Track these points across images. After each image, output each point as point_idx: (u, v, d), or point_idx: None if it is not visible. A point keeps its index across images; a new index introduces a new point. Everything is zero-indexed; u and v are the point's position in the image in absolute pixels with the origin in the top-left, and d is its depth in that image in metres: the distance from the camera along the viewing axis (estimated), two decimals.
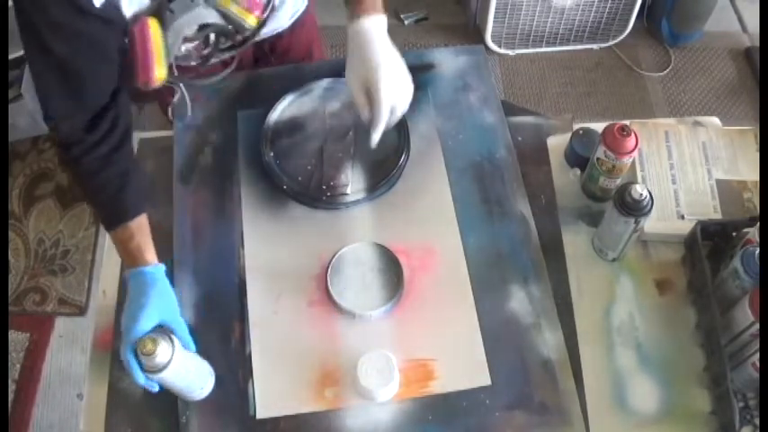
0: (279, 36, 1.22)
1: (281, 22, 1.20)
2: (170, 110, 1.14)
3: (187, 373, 0.86)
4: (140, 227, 0.92)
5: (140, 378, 0.82)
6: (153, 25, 0.89)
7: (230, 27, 0.96)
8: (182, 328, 0.87)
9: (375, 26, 0.94)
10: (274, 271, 1.02)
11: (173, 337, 0.84)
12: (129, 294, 0.88)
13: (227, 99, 1.19)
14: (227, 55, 1.05)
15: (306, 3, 1.24)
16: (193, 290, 1.00)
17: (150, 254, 0.91)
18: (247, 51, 1.16)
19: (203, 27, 0.94)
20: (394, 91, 0.95)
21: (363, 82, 0.94)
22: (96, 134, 0.89)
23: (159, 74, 0.90)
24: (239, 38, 1.02)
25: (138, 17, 0.89)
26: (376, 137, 0.96)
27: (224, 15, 0.94)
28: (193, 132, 1.15)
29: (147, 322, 0.83)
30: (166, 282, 0.90)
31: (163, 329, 0.85)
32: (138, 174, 0.95)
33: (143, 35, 0.89)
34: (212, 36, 0.99)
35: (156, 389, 0.84)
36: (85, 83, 0.86)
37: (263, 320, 0.97)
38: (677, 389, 0.94)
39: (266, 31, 1.15)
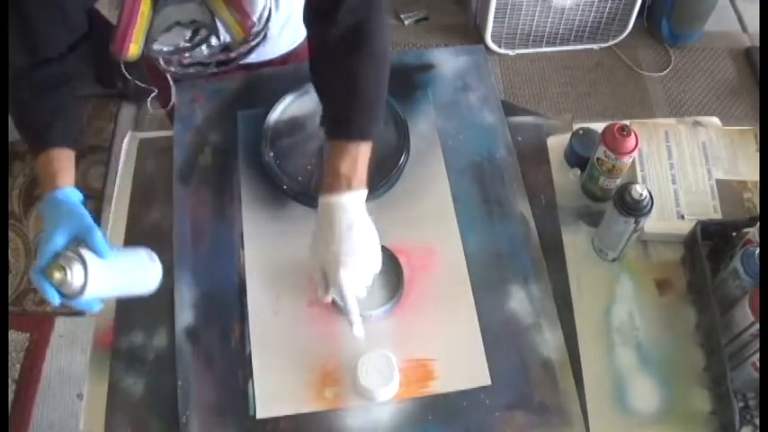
0: (269, 62, 1.22)
1: (275, 49, 1.20)
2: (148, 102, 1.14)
3: (117, 280, 0.81)
4: (61, 157, 0.89)
5: (55, 299, 0.75)
6: (145, 2, 0.89)
7: (221, 33, 0.96)
8: (95, 236, 0.78)
9: (346, 204, 0.86)
10: (274, 271, 1.01)
11: (83, 253, 0.76)
12: (43, 221, 0.83)
13: (227, 99, 1.19)
14: (207, 71, 1.06)
15: (304, 36, 1.24)
16: (193, 290, 1.00)
17: (63, 179, 0.87)
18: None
19: (194, 22, 0.94)
20: (355, 282, 0.88)
21: (322, 265, 0.89)
22: (40, 74, 0.89)
23: (133, 50, 0.91)
24: (222, 57, 1.03)
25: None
26: (357, 330, 0.89)
27: (215, 18, 0.95)
28: (193, 132, 1.15)
29: (58, 239, 0.77)
30: (77, 201, 0.85)
31: (76, 248, 0.77)
32: (72, 116, 0.94)
33: (131, 8, 0.90)
34: (198, 37, 0.99)
35: (96, 308, 0.81)
36: (38, 31, 0.86)
37: (263, 320, 0.97)
38: (677, 389, 0.94)
39: (255, 58, 1.15)
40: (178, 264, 1.02)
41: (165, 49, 1.02)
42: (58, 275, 0.74)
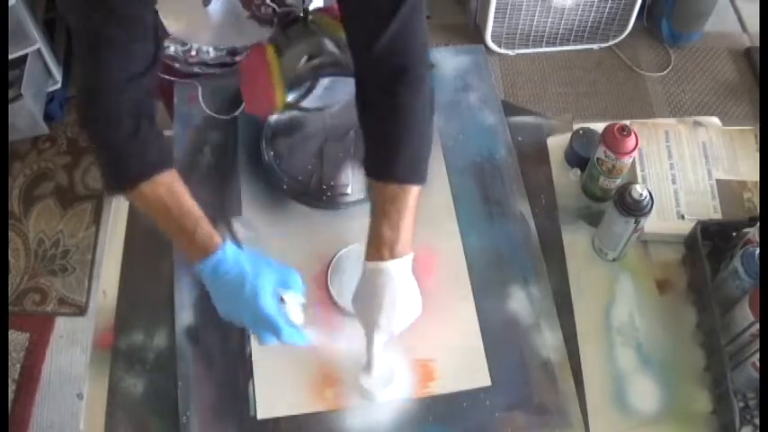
0: None
1: None
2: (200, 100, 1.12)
3: None
4: (180, 191, 0.85)
5: (305, 339, 0.85)
6: (270, 52, 0.90)
7: (342, 58, 0.97)
8: (295, 279, 0.86)
9: (390, 272, 0.85)
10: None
11: (294, 299, 0.87)
12: (223, 291, 0.84)
13: (227, 98, 1.19)
14: (209, 71, 1.05)
15: None
16: (193, 290, 1.00)
17: (213, 234, 0.84)
18: None
19: (316, 55, 0.96)
20: (385, 340, 0.88)
21: (360, 318, 0.89)
22: (129, 96, 0.81)
23: (280, 98, 0.92)
24: (228, 59, 1.02)
25: (249, 47, 0.91)
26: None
27: (338, 44, 0.96)
28: (193, 132, 1.15)
29: (271, 304, 0.83)
30: (246, 255, 0.85)
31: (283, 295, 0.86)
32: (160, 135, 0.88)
33: (258, 63, 0.91)
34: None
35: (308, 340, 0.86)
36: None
37: None
38: (677, 389, 0.94)
39: None
40: (178, 264, 1.02)
41: (173, 49, 1.01)
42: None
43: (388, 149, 0.87)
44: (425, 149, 0.89)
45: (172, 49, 1.04)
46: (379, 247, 0.86)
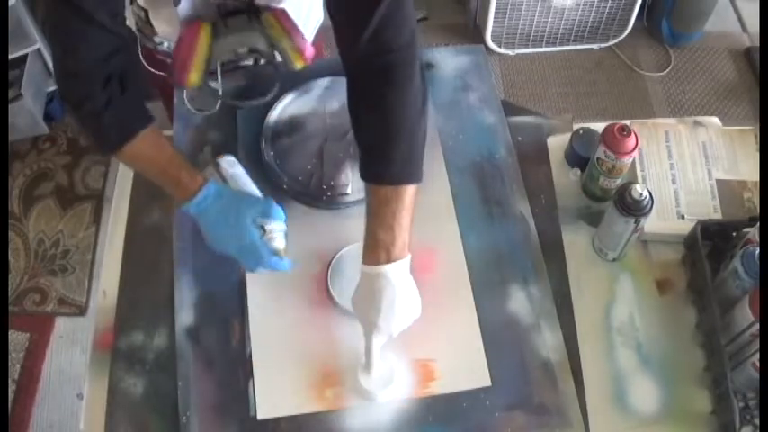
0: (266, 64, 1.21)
1: None
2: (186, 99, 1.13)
3: None
4: (162, 143, 0.93)
5: (288, 265, 0.91)
6: (205, 31, 0.90)
7: (279, 60, 0.96)
8: (275, 209, 0.92)
9: (388, 275, 0.85)
10: (274, 271, 1.01)
11: (276, 228, 0.92)
12: (210, 222, 0.91)
13: (227, 98, 1.18)
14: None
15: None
16: (193, 290, 1.00)
17: (194, 173, 0.92)
18: None
19: (253, 51, 0.96)
20: (383, 342, 0.89)
21: (359, 319, 0.89)
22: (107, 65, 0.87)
23: (193, 78, 0.92)
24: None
25: (193, 20, 0.91)
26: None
27: (275, 47, 0.95)
28: (193, 132, 1.15)
29: (254, 232, 0.90)
30: (225, 189, 0.94)
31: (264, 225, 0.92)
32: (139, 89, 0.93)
33: (191, 39, 0.91)
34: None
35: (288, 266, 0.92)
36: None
37: (263, 320, 0.97)
38: (677, 389, 0.94)
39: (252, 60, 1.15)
40: (178, 264, 1.02)
41: (166, 45, 1.02)
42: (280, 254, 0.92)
43: (379, 152, 0.88)
44: (418, 147, 0.89)
45: (165, 45, 1.04)
46: (375, 251, 0.86)
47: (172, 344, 0.96)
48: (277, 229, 0.92)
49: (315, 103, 1.17)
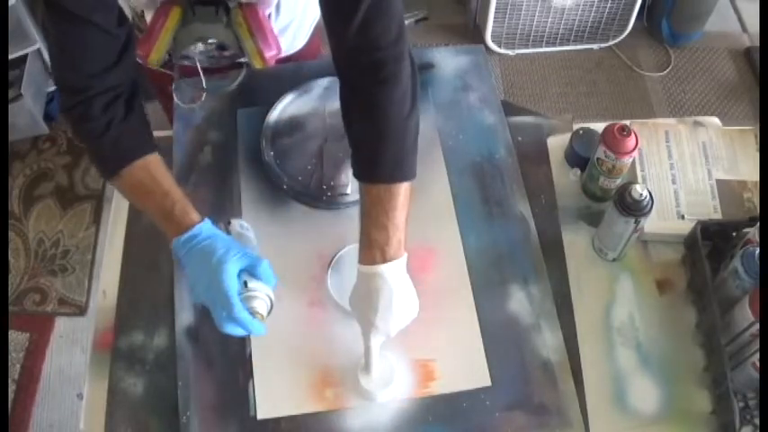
0: None
1: None
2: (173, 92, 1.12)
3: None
4: (160, 173, 0.88)
5: (264, 330, 0.83)
6: (174, 14, 0.90)
7: (243, 57, 0.97)
8: (264, 268, 0.85)
9: (384, 275, 0.84)
10: (274, 271, 1.01)
11: (259, 289, 0.84)
12: (192, 263, 0.84)
13: (227, 98, 1.19)
14: (196, 64, 1.06)
15: (302, 45, 1.23)
16: None
17: (192, 211, 0.87)
18: None
19: (221, 46, 0.96)
20: (381, 341, 0.89)
21: (358, 320, 0.89)
22: (99, 88, 0.85)
23: (153, 57, 0.91)
24: (215, 54, 1.03)
25: (167, 2, 0.91)
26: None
27: (239, 43, 0.95)
28: (193, 132, 1.15)
29: (233, 283, 0.81)
30: (218, 234, 0.87)
31: (249, 283, 0.84)
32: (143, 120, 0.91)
33: (159, 19, 0.91)
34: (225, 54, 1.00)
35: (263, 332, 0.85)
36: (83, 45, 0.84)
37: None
38: (677, 389, 0.94)
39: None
40: (178, 263, 1.02)
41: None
42: (258, 318, 0.83)
43: (370, 151, 0.88)
44: (409, 145, 0.88)
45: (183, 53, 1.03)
46: (370, 251, 0.85)
47: (172, 344, 0.96)
48: (261, 292, 0.84)
49: (315, 102, 1.17)
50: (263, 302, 0.85)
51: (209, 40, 0.94)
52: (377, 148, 0.87)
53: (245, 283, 0.84)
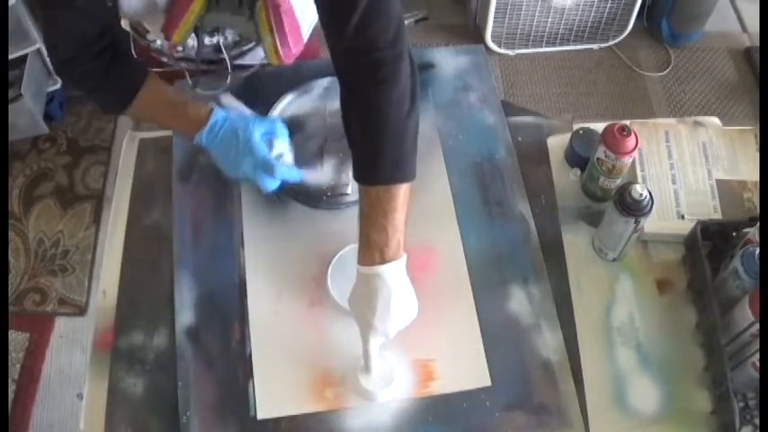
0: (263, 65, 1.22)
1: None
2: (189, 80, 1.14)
3: None
4: (163, 90, 1.01)
5: (300, 175, 0.99)
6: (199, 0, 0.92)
7: (263, 55, 0.99)
8: (281, 128, 1.00)
9: (383, 275, 0.85)
10: (274, 271, 1.02)
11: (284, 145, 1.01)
12: (222, 147, 0.97)
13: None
14: (195, 66, 1.06)
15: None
16: (193, 290, 1.00)
17: (199, 105, 0.99)
18: None
19: (242, 38, 1.00)
20: (381, 343, 0.89)
21: (356, 321, 0.89)
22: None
23: (176, 37, 0.94)
24: (213, 57, 1.05)
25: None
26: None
27: (259, 38, 0.95)
28: None
29: (262, 148, 0.96)
30: (230, 115, 0.99)
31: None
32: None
33: (186, 1, 0.91)
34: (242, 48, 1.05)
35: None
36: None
37: (263, 320, 0.97)
38: (677, 389, 0.94)
39: (248, 60, 1.15)
40: (178, 264, 1.02)
41: (159, 42, 1.04)
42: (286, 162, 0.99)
43: (368, 152, 0.88)
44: (408, 146, 0.88)
45: (158, 42, 1.04)
46: (369, 252, 0.86)
47: (172, 344, 0.96)
48: (284, 146, 0.99)
49: (315, 102, 1.17)
50: (288, 154, 1.01)
51: (228, 31, 0.97)
52: (375, 150, 0.87)
53: (270, 144, 0.98)
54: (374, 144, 0.87)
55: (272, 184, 0.96)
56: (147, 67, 0.99)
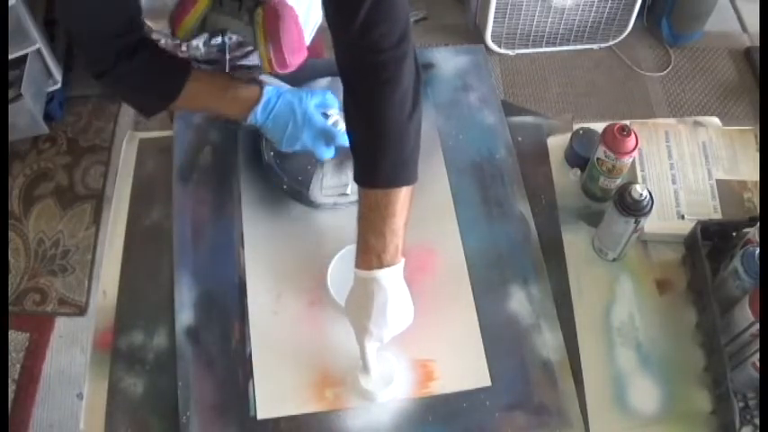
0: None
1: None
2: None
3: None
4: (205, 77, 1.01)
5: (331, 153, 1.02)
6: (203, 1, 0.92)
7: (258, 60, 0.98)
8: (330, 97, 1.03)
9: (380, 280, 0.85)
10: (274, 271, 1.02)
11: (334, 114, 1.03)
12: (279, 122, 0.99)
13: None
14: (199, 66, 1.07)
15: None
16: (193, 290, 1.00)
17: (251, 87, 0.99)
18: None
19: (242, 42, 1.00)
20: (377, 347, 0.88)
21: (352, 325, 0.89)
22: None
23: (181, 32, 0.95)
24: (216, 57, 1.05)
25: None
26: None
27: (255, 44, 0.96)
28: (193, 132, 1.15)
29: (319, 117, 1.00)
30: (285, 86, 1.02)
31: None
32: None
33: (191, 1, 0.92)
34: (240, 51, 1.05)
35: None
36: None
37: (263, 320, 0.97)
38: (677, 389, 0.94)
39: (250, 62, 1.16)
40: (178, 264, 1.02)
41: (164, 42, 1.03)
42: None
43: (369, 155, 0.87)
44: (408, 149, 0.88)
45: (163, 41, 1.04)
46: (367, 256, 0.85)
47: (172, 344, 0.96)
48: (337, 114, 1.02)
49: None
50: (341, 121, 1.01)
51: (228, 35, 0.98)
52: (375, 152, 0.87)
53: (325, 114, 1.02)
54: (374, 146, 0.87)
55: (328, 153, 1.01)
56: (186, 59, 1.00)
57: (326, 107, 1.02)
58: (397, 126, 0.86)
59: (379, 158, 0.86)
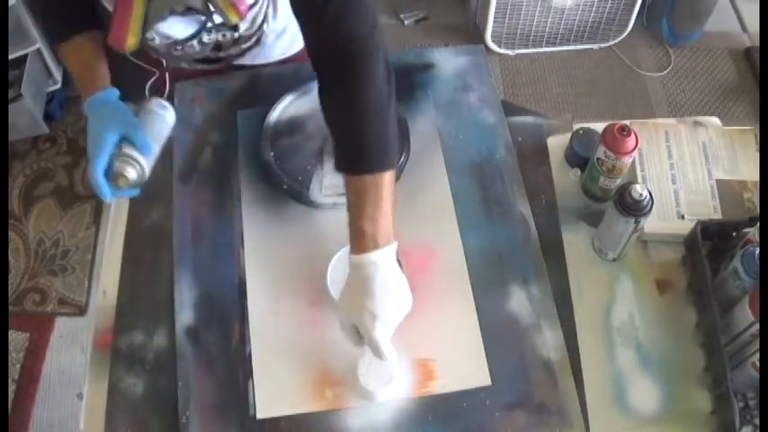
0: (263, 66, 1.22)
1: (269, 54, 1.20)
2: (146, 89, 1.12)
3: (154, 157, 0.96)
4: (93, 48, 0.97)
5: (108, 196, 0.90)
6: None
7: (217, 20, 0.96)
8: (140, 136, 0.92)
9: (377, 262, 0.85)
10: (274, 271, 1.02)
11: (135, 155, 0.91)
12: (88, 120, 0.93)
13: (227, 98, 1.19)
14: (197, 66, 1.06)
15: (300, 48, 1.23)
16: (193, 290, 1.00)
17: (103, 78, 0.97)
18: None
19: (189, 9, 0.94)
20: (389, 334, 0.87)
21: (355, 320, 0.87)
22: None
23: (131, 41, 0.92)
24: (212, 55, 1.03)
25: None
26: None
27: (209, 4, 0.93)
28: (193, 132, 1.15)
29: (109, 139, 0.90)
30: (117, 100, 0.95)
31: (124, 150, 0.91)
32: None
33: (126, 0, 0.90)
34: (195, 31, 1.00)
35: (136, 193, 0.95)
36: None
37: (263, 320, 0.97)
38: (677, 389, 0.94)
39: (248, 60, 1.15)
40: (178, 264, 1.02)
41: (158, 41, 1.03)
42: (122, 181, 0.90)
43: (351, 143, 0.88)
44: (389, 132, 0.88)
45: (157, 41, 1.04)
46: (362, 241, 0.86)
47: (172, 344, 0.96)
48: (132, 158, 0.91)
49: (314, 103, 1.15)
50: (132, 168, 0.91)
51: (178, 8, 0.94)
52: (359, 140, 0.87)
53: (121, 149, 0.91)
54: (357, 133, 0.87)
55: (93, 186, 0.91)
56: (98, 26, 0.98)
57: (129, 144, 0.92)
58: (378, 111, 0.87)
59: (363, 145, 0.87)
